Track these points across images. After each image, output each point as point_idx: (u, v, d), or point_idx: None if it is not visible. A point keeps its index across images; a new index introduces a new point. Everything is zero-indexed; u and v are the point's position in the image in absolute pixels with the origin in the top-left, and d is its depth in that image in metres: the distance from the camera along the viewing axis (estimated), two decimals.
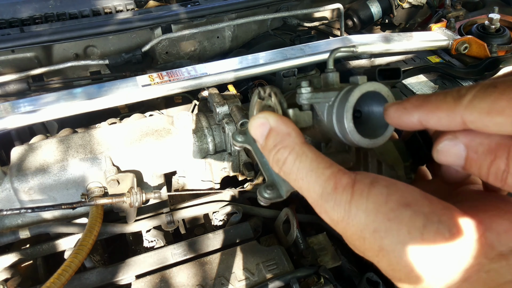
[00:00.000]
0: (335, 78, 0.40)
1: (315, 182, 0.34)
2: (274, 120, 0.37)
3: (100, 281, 0.96)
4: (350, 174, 0.33)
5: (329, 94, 0.38)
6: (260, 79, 1.35)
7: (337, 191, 0.32)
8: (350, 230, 0.32)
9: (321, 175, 0.33)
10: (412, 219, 0.29)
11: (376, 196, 0.31)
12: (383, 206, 0.30)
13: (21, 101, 1.08)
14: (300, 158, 0.35)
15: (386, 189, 0.31)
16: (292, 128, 0.37)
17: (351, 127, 0.35)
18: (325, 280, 0.94)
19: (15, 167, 0.99)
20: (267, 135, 0.37)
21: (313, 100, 0.39)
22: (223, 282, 0.93)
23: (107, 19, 1.39)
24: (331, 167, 0.34)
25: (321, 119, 0.39)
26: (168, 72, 1.18)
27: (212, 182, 1.18)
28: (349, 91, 0.36)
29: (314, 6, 1.56)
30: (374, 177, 0.32)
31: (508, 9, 1.67)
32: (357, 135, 0.36)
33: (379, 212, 0.30)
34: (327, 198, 0.33)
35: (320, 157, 0.35)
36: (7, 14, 1.41)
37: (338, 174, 0.33)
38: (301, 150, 0.35)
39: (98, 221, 0.97)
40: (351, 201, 0.31)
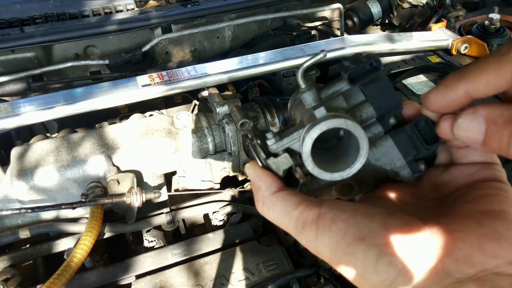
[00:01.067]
0: (311, 96, 0.38)
1: (289, 225, 0.36)
2: (250, 174, 0.40)
3: (100, 281, 0.96)
4: (315, 209, 0.34)
5: (293, 136, 0.38)
6: (260, 79, 1.35)
7: (305, 228, 0.34)
8: (323, 260, 0.34)
9: (292, 217, 0.36)
10: (366, 253, 0.31)
11: (335, 232, 0.32)
12: (341, 241, 0.32)
13: (21, 101, 1.08)
14: (270, 208, 0.38)
15: (344, 224, 0.32)
16: (262, 181, 0.39)
17: (316, 171, 0.35)
18: (325, 280, 0.94)
19: (15, 167, 0.99)
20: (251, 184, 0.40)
21: (281, 148, 0.39)
22: (223, 282, 0.93)
23: (107, 19, 1.39)
24: (299, 206, 0.35)
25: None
26: (168, 72, 1.18)
27: (212, 182, 1.17)
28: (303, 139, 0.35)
29: (314, 6, 1.56)
30: (337, 211, 0.33)
31: (508, 9, 1.67)
32: (327, 174, 0.35)
33: (338, 247, 0.32)
34: (300, 236, 0.35)
35: (288, 200, 0.36)
36: (7, 14, 1.41)
37: (304, 211, 0.35)
38: (270, 201, 0.38)
39: (98, 221, 0.97)
40: (317, 237, 0.33)
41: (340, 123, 0.34)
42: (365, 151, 0.35)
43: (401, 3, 1.64)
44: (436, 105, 0.34)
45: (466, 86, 0.31)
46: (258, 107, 1.17)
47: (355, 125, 0.34)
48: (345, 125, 0.34)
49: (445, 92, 0.33)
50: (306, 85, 0.39)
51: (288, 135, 0.38)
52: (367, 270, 0.31)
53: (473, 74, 0.31)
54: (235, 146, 1.09)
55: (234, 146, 1.09)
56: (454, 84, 0.32)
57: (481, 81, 0.30)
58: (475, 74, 0.31)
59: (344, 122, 0.34)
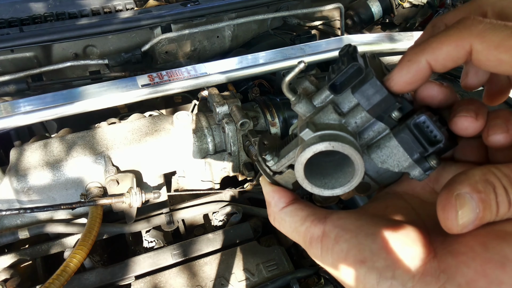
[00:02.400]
0: (304, 107, 0.37)
1: (298, 239, 0.37)
2: (263, 189, 0.41)
3: (99, 282, 0.95)
4: (320, 227, 0.34)
5: (289, 155, 0.38)
6: (260, 78, 1.35)
7: (312, 246, 0.35)
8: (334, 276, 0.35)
9: (300, 233, 0.36)
10: (367, 277, 0.30)
11: (337, 253, 0.33)
12: (343, 262, 0.32)
13: (20, 101, 1.07)
14: (280, 224, 0.38)
15: (346, 244, 0.32)
16: (271, 197, 0.39)
17: (316, 191, 0.35)
18: (325, 281, 0.93)
19: (14, 167, 0.98)
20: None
21: (280, 168, 0.39)
22: (223, 282, 0.93)
23: (107, 18, 1.39)
24: (305, 222, 0.36)
25: None
26: (167, 71, 1.17)
27: (212, 182, 1.17)
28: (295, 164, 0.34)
29: (314, 6, 1.55)
30: (340, 230, 0.33)
31: None
32: (328, 191, 0.35)
33: (340, 268, 0.32)
34: (309, 252, 0.36)
35: (296, 215, 0.37)
36: (6, 14, 1.41)
37: (310, 228, 0.35)
38: (279, 217, 0.38)
39: (98, 221, 0.96)
40: (321, 256, 0.34)
41: (326, 146, 0.33)
42: (360, 167, 0.33)
43: (402, 2, 1.64)
44: (402, 82, 0.33)
45: (427, 57, 0.31)
46: (258, 107, 1.17)
47: (342, 145, 0.32)
48: (330, 147, 0.33)
49: (408, 66, 0.32)
50: (295, 97, 0.37)
51: (285, 155, 0.38)
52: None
53: (434, 45, 0.31)
54: (235, 146, 1.08)
55: (234, 146, 1.08)
56: (415, 57, 0.32)
57: (442, 52, 0.31)
58: (436, 45, 0.31)
59: (329, 145, 0.33)
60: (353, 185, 0.34)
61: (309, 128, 0.34)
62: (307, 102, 0.37)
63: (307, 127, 0.34)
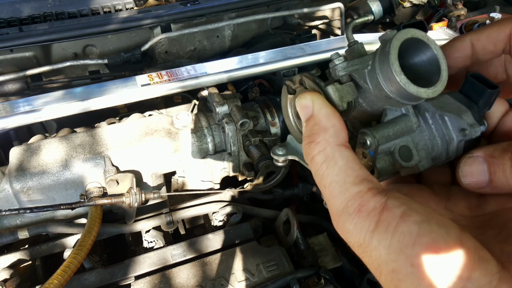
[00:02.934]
0: (361, 48, 0.37)
1: (337, 196, 0.30)
2: (318, 107, 0.33)
3: (99, 282, 0.95)
4: (380, 198, 0.29)
5: (365, 58, 0.34)
6: (260, 78, 1.35)
7: (360, 214, 0.29)
8: (366, 259, 0.29)
9: (345, 191, 0.30)
10: (440, 271, 0.26)
11: (404, 235, 0.27)
12: (409, 248, 0.27)
13: (20, 100, 1.07)
14: (328, 162, 0.31)
15: (417, 227, 0.27)
16: (331, 123, 0.32)
17: (404, 80, 0.31)
18: (325, 281, 0.93)
19: (13, 167, 0.98)
20: (307, 120, 0.34)
21: (350, 69, 0.35)
22: (223, 283, 0.93)
23: (106, 18, 1.39)
24: (361, 183, 0.30)
25: (366, 89, 0.35)
26: (167, 71, 1.17)
27: (212, 182, 1.17)
28: (385, 45, 0.32)
29: (314, 5, 1.55)
30: (406, 208, 0.28)
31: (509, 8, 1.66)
32: (414, 87, 0.31)
33: (403, 253, 0.27)
34: (347, 219, 0.29)
35: (350, 167, 0.31)
36: (5, 13, 1.41)
37: (366, 195, 0.29)
38: (331, 153, 0.31)
39: (97, 221, 0.96)
40: (374, 232, 0.28)
41: (422, 35, 0.33)
42: (445, 65, 0.33)
43: (402, 2, 1.63)
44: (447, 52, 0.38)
45: (471, 37, 0.37)
46: (258, 106, 1.16)
47: (433, 40, 0.34)
48: (426, 38, 0.33)
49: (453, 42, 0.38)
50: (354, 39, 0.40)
51: (357, 59, 0.35)
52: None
53: (478, 29, 0.37)
54: (235, 146, 1.08)
55: (234, 146, 1.08)
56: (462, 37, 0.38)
57: (483, 34, 0.36)
58: (479, 29, 0.37)
59: (425, 36, 0.33)
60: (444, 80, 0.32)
61: (391, 31, 0.35)
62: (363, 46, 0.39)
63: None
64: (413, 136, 0.38)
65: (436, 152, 0.38)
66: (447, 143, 0.37)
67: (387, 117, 0.38)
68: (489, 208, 0.35)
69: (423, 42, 0.33)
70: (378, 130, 0.37)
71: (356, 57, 0.38)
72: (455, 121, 0.36)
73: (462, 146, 0.36)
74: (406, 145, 0.38)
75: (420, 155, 0.38)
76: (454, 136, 0.36)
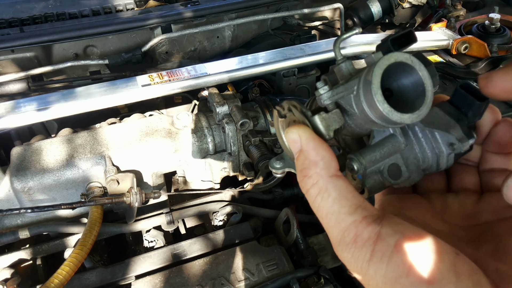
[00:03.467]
0: (349, 67, 0.37)
1: (334, 227, 0.31)
2: (305, 141, 0.33)
3: (99, 281, 0.95)
4: (374, 227, 0.29)
5: (349, 84, 0.35)
6: (260, 79, 1.35)
7: (356, 245, 0.29)
8: (366, 285, 0.30)
9: (341, 221, 0.30)
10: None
11: (398, 264, 0.27)
12: (404, 278, 0.27)
13: (21, 101, 1.08)
14: (322, 195, 0.32)
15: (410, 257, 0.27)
16: (321, 156, 0.32)
17: (387, 108, 0.31)
18: (325, 281, 0.93)
19: (14, 167, 0.99)
20: (297, 154, 0.34)
21: (335, 97, 0.35)
22: (223, 282, 0.93)
23: (107, 19, 1.39)
24: (354, 213, 0.30)
25: (352, 113, 0.36)
26: (168, 72, 1.17)
27: (212, 182, 1.17)
28: (369, 72, 0.32)
29: (314, 6, 1.55)
30: (400, 236, 0.28)
31: (509, 9, 1.66)
32: (397, 114, 0.32)
33: (398, 282, 0.27)
34: (345, 249, 0.30)
35: (344, 197, 0.31)
36: (7, 14, 1.41)
37: (360, 224, 0.29)
38: (324, 186, 0.32)
39: (98, 221, 0.97)
40: (370, 262, 0.28)
41: (406, 58, 0.32)
42: (430, 86, 0.32)
43: (401, 2, 1.64)
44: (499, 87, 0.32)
45: None
46: (258, 107, 1.17)
47: (419, 62, 0.32)
48: (410, 61, 0.32)
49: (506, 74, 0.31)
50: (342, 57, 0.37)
51: (343, 83, 0.35)
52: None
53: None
54: (235, 146, 1.08)
55: (234, 146, 1.08)
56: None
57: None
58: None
59: (409, 58, 0.32)
60: (428, 103, 0.32)
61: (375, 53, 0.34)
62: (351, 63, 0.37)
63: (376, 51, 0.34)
64: (403, 152, 0.39)
65: (427, 164, 0.39)
66: (437, 155, 0.38)
67: (375, 139, 0.38)
68: (484, 218, 0.35)
69: (408, 65, 0.33)
70: (365, 155, 0.37)
71: (343, 78, 0.38)
72: (444, 136, 0.36)
73: (452, 157, 0.37)
74: (395, 163, 0.38)
75: (410, 170, 0.39)
76: (444, 150, 0.37)
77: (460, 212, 0.37)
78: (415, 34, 0.37)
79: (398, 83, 0.35)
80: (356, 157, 0.37)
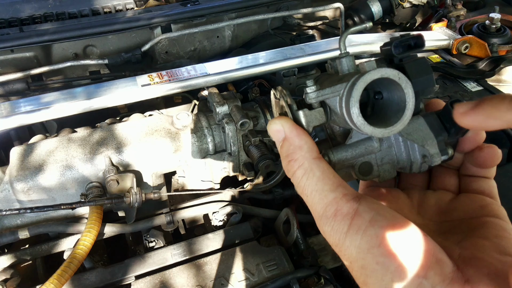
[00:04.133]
0: (349, 62, 0.39)
1: (318, 203, 0.34)
2: (289, 130, 0.37)
3: (99, 282, 0.95)
4: (352, 204, 0.33)
5: (336, 87, 0.37)
6: (260, 78, 1.35)
7: (336, 218, 0.33)
8: (341, 256, 0.33)
9: (324, 197, 0.34)
10: (397, 270, 0.30)
11: (371, 237, 0.31)
12: (375, 248, 0.31)
13: (20, 101, 1.08)
14: (307, 175, 0.35)
15: (382, 231, 0.31)
16: (304, 141, 0.36)
17: (360, 121, 0.34)
18: (325, 281, 0.93)
19: (14, 167, 0.98)
20: (282, 143, 0.38)
21: (320, 98, 0.38)
22: (223, 282, 0.93)
23: (107, 18, 1.39)
24: (336, 190, 0.34)
25: (336, 112, 0.38)
26: (167, 71, 1.17)
27: (212, 182, 1.17)
28: (353, 84, 0.34)
29: (314, 6, 1.55)
30: (375, 213, 0.32)
31: (509, 9, 1.66)
32: (369, 128, 0.34)
33: (370, 252, 0.31)
34: (326, 222, 0.33)
35: (327, 176, 0.34)
36: (6, 14, 1.41)
37: (341, 200, 0.33)
38: (309, 166, 0.35)
39: (98, 221, 0.96)
40: (347, 234, 0.32)
41: (394, 74, 0.34)
42: (411, 105, 0.34)
43: (402, 2, 1.64)
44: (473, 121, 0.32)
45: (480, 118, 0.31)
46: (258, 107, 1.16)
47: (406, 80, 0.34)
48: (397, 78, 0.34)
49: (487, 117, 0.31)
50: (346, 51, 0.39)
51: (330, 86, 0.37)
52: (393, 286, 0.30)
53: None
54: (235, 146, 1.08)
55: (234, 146, 1.08)
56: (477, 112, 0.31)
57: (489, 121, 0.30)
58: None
59: (397, 75, 0.34)
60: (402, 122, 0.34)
61: (368, 62, 0.35)
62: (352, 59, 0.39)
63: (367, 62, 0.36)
64: (379, 153, 0.41)
65: (402, 165, 0.41)
66: (411, 162, 0.40)
67: (351, 140, 0.41)
68: (456, 215, 0.38)
69: (394, 81, 0.34)
70: (337, 153, 0.40)
71: (341, 73, 0.40)
72: (419, 148, 0.39)
73: (426, 166, 0.40)
74: (368, 161, 0.41)
75: (382, 169, 0.41)
76: (418, 159, 0.40)
77: (435, 208, 0.40)
78: (423, 40, 0.38)
79: (388, 92, 0.37)
80: (327, 154, 0.40)
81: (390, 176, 0.42)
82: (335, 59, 0.40)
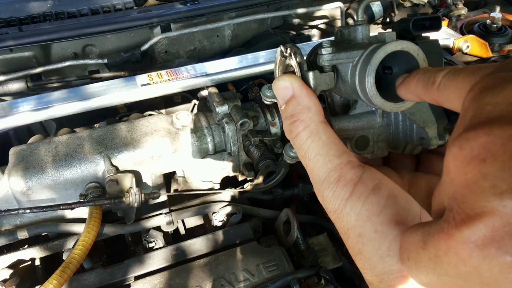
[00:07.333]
0: (364, 31, 0.37)
1: (321, 167, 0.33)
2: (298, 88, 0.36)
3: (99, 282, 0.95)
4: (357, 171, 0.32)
5: (352, 53, 0.35)
6: (260, 78, 1.35)
7: (338, 184, 0.32)
8: (338, 223, 0.33)
9: (328, 162, 0.33)
10: (396, 240, 0.29)
11: (372, 204, 0.31)
12: (375, 217, 0.30)
13: (20, 100, 1.07)
14: (313, 137, 0.34)
15: (384, 200, 0.31)
16: (313, 102, 0.35)
17: (373, 92, 0.33)
18: (325, 281, 0.93)
19: (13, 167, 0.98)
20: (288, 100, 0.36)
21: (334, 62, 0.37)
22: (223, 283, 0.92)
23: (106, 18, 1.39)
24: (341, 156, 0.33)
25: (345, 80, 0.37)
26: (167, 71, 1.17)
27: (211, 182, 1.17)
28: (372, 52, 0.33)
29: (314, 5, 1.55)
30: (379, 182, 0.32)
31: (510, 8, 1.66)
32: (380, 100, 0.33)
33: (369, 220, 0.30)
34: (327, 187, 0.33)
35: (333, 142, 0.34)
36: (5, 13, 1.40)
37: (345, 167, 0.33)
38: (316, 129, 0.34)
39: (97, 221, 0.96)
40: (348, 200, 0.31)
41: (414, 49, 0.33)
42: None
43: (403, 1, 1.63)
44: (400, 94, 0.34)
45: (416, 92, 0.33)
46: (258, 106, 1.16)
47: (424, 57, 0.33)
48: (416, 53, 0.33)
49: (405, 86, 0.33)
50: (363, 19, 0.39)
51: (347, 50, 0.36)
52: (389, 255, 0.29)
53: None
54: (235, 146, 1.08)
55: (234, 146, 1.08)
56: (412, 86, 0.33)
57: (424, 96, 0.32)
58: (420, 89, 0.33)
59: (416, 50, 0.33)
60: (407, 105, 0.34)
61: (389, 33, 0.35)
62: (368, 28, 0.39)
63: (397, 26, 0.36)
64: (376, 129, 0.41)
65: (395, 144, 0.41)
66: (406, 142, 0.40)
67: (355, 110, 0.40)
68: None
69: (412, 56, 0.34)
70: (339, 122, 0.40)
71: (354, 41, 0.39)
72: (419, 129, 0.39)
73: (419, 149, 0.40)
74: (365, 135, 0.41)
75: (376, 146, 0.41)
76: (414, 140, 0.40)
77: (426, 190, 0.40)
78: (441, 22, 0.38)
79: (401, 67, 0.36)
80: (330, 121, 0.39)
81: (382, 154, 0.41)
82: (348, 27, 0.39)
